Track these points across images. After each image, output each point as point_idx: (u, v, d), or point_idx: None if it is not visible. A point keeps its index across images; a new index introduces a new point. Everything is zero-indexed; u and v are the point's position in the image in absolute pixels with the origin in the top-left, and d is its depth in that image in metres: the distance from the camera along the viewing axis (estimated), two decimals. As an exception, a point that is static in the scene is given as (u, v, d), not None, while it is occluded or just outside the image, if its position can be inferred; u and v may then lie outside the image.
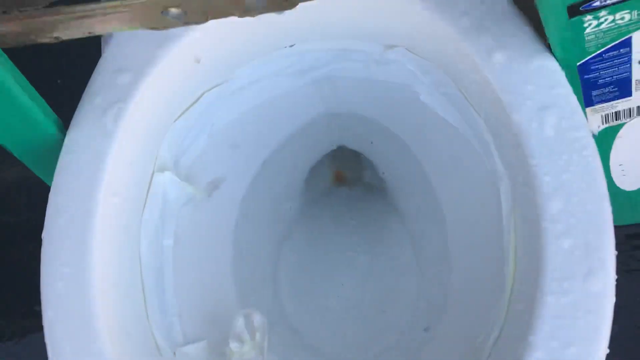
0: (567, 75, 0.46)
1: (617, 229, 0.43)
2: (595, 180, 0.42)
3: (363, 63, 0.56)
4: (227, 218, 0.62)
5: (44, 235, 0.49)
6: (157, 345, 0.51)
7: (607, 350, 0.40)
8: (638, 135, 0.57)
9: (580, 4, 0.40)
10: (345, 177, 0.73)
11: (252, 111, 0.60)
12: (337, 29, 0.52)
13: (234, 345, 0.53)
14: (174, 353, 0.52)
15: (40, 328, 1.03)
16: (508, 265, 0.47)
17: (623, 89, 0.50)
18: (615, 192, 0.62)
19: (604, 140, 0.56)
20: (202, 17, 0.36)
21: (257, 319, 0.53)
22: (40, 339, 1.06)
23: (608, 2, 0.40)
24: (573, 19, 0.41)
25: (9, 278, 1.08)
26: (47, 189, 1.15)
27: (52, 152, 0.51)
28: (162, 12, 0.35)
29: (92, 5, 0.35)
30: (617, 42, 0.44)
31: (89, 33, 0.37)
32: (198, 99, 0.55)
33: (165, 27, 0.37)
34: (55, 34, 0.37)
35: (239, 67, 0.55)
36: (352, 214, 0.69)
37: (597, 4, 0.40)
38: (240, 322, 0.53)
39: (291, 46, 0.55)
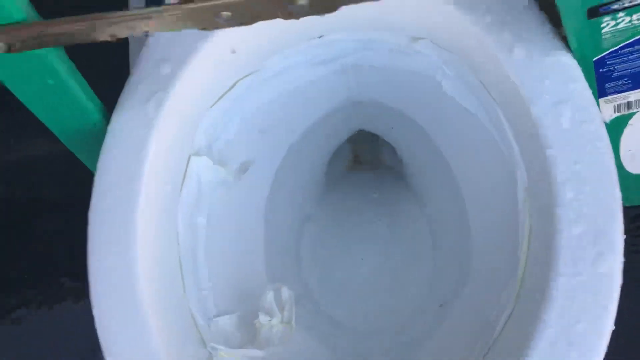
0: (582, 69, 0.48)
1: (625, 209, 0.46)
2: (607, 170, 0.45)
3: (388, 53, 0.59)
4: (256, 199, 0.65)
5: (90, 214, 0.52)
6: (193, 317, 0.55)
7: (613, 327, 0.43)
8: (648, 124, 0.59)
9: (600, 7, 0.42)
10: (363, 159, 0.76)
11: (280, 98, 0.63)
12: (366, 21, 0.55)
13: (263, 318, 0.57)
14: (209, 325, 0.56)
15: (64, 299, 1.07)
16: (522, 247, 0.50)
17: (636, 81, 0.53)
18: (623, 176, 0.65)
19: (615, 128, 0.59)
20: (250, 20, 0.39)
21: (285, 293, 0.57)
22: (65, 308, 1.10)
23: (626, 4, 0.42)
24: (592, 20, 0.44)
25: (34, 251, 1.13)
26: (70, 165, 1.20)
27: (95, 136, 0.55)
28: (215, 16, 0.38)
29: (152, 9, 0.38)
30: (632, 39, 0.47)
31: (145, 32, 0.41)
32: (232, 87, 0.59)
33: (215, 28, 0.40)
34: (114, 33, 0.40)
35: (270, 57, 0.58)
36: (371, 195, 0.73)
37: (615, 6, 0.43)
38: (269, 297, 0.57)
39: (320, 37, 0.58)
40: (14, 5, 0.40)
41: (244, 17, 0.39)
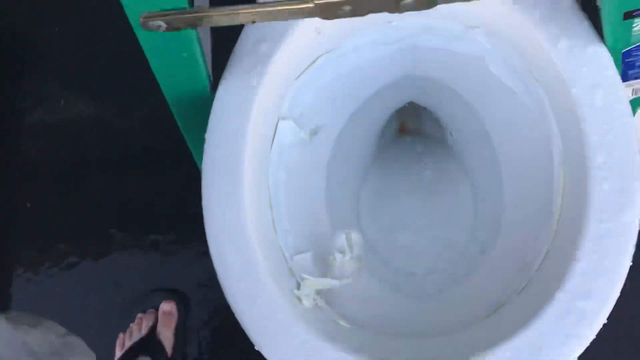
0: (613, 57, 0.60)
1: None
2: (631, 141, 0.57)
3: (445, 38, 0.70)
4: (322, 158, 0.76)
5: (203, 165, 0.63)
6: (282, 251, 0.67)
7: (631, 263, 0.55)
8: (660, 106, 0.71)
9: (633, 11, 0.54)
10: (409, 128, 0.88)
11: (349, 72, 0.74)
12: (433, 12, 0.65)
13: (337, 256, 0.68)
14: (293, 259, 0.68)
15: (113, 250, 1.17)
16: (557, 200, 0.62)
17: (653, 70, 0.65)
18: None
19: (632, 106, 0.71)
20: (365, 13, 0.50)
21: (355, 236, 0.69)
22: (114, 259, 1.20)
23: (654, 10, 0.54)
24: (626, 21, 0.55)
25: (85, 205, 1.22)
26: (117, 128, 1.30)
27: (202, 102, 0.65)
28: (338, 9, 0.49)
29: (291, 2, 0.49)
30: (655, 37, 0.59)
31: (274, 19, 0.51)
32: (314, 61, 0.69)
33: (335, 18, 0.50)
34: (254, 19, 0.50)
35: (347, 37, 0.69)
36: (418, 158, 0.84)
37: (646, 11, 0.54)
38: (342, 238, 0.69)
39: (389, 22, 0.69)
40: (180, -4, 0.50)
41: (361, 10, 0.49)
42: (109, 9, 1.06)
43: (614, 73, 0.58)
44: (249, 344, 0.59)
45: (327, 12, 0.49)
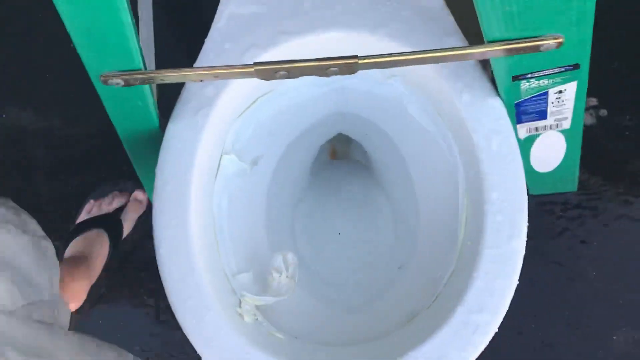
0: (507, 108, 0.71)
1: (532, 197, 0.69)
2: (520, 180, 0.68)
3: (369, 82, 0.80)
4: (262, 185, 0.85)
5: (154, 198, 0.71)
6: (225, 272, 0.75)
7: (518, 282, 0.66)
8: (548, 140, 0.83)
9: (520, 75, 0.65)
10: (338, 152, 0.97)
11: (286, 109, 0.83)
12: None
13: (275, 275, 0.77)
14: (234, 278, 0.76)
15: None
16: (460, 228, 0.73)
17: (541, 115, 0.76)
18: (532, 173, 0.90)
19: (528, 142, 0.83)
20: (297, 76, 0.59)
21: (291, 257, 0.78)
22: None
23: (536, 75, 0.65)
24: (514, 82, 0.66)
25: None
26: (61, 138, 1.29)
27: (153, 140, 0.73)
28: (275, 73, 0.58)
29: (235, 65, 0.57)
30: (539, 92, 0.70)
31: (219, 78, 0.60)
32: (254, 102, 0.78)
33: (272, 79, 0.59)
34: (201, 79, 0.59)
35: (284, 81, 0.78)
36: (346, 182, 0.94)
37: (529, 76, 0.65)
38: (279, 259, 0.78)
39: (321, 69, 0.78)
40: (135, 60, 0.58)
41: (294, 74, 0.59)
42: (49, 21, 1.11)
43: (507, 122, 0.70)
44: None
45: (265, 75, 0.58)
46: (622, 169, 1.08)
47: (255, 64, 0.57)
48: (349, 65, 0.58)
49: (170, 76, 0.59)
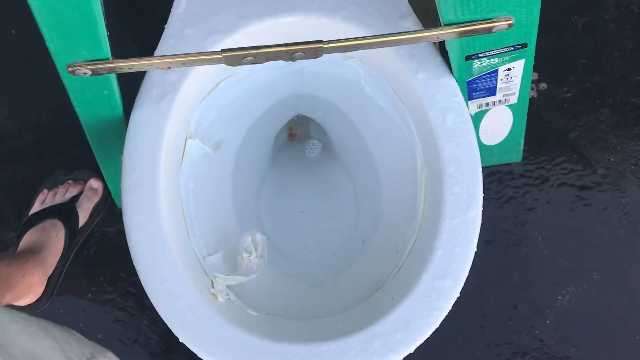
0: (460, 86, 0.75)
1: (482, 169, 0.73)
2: (474, 153, 0.72)
3: (327, 64, 0.82)
4: (226, 168, 0.87)
5: (122, 185, 0.72)
6: (195, 254, 0.77)
7: (476, 248, 0.71)
8: (496, 115, 0.88)
9: (472, 55, 0.69)
10: (297, 134, 0.99)
11: (245, 93, 0.84)
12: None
13: (245, 255, 0.79)
14: (205, 260, 0.78)
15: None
16: (420, 200, 0.77)
17: (491, 91, 0.81)
18: (481, 146, 0.95)
19: (478, 117, 0.88)
20: (263, 61, 0.60)
21: (259, 236, 0.80)
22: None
23: (487, 54, 0.69)
24: (467, 61, 0.70)
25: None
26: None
27: (116, 128, 0.73)
28: (242, 59, 0.59)
29: (201, 52, 0.59)
30: (490, 70, 0.75)
31: (187, 65, 0.61)
32: (215, 86, 0.79)
33: (239, 65, 0.61)
34: (169, 66, 0.60)
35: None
36: (307, 162, 0.96)
37: (480, 55, 0.69)
38: (248, 239, 0.80)
39: (280, 52, 0.80)
40: (104, 50, 0.59)
41: (260, 60, 0.60)
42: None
43: (460, 99, 0.74)
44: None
45: (233, 61, 0.60)
46: (562, 139, 1.15)
47: (223, 50, 0.59)
48: (314, 49, 0.60)
49: (138, 64, 0.60)
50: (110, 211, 1.17)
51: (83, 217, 1.11)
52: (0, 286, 0.86)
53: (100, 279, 1.18)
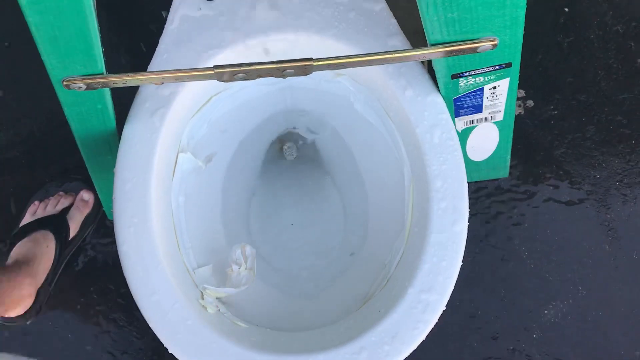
0: (447, 103, 0.77)
1: (468, 184, 0.75)
2: (460, 169, 0.74)
3: (317, 81, 0.84)
4: (216, 181, 0.88)
5: (114, 197, 0.73)
6: (185, 266, 0.78)
7: (461, 262, 0.72)
8: (483, 131, 0.90)
9: (458, 74, 0.71)
10: (287, 149, 1.01)
11: (236, 108, 0.86)
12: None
13: (234, 267, 0.80)
14: (195, 272, 0.79)
15: None
16: (407, 214, 0.78)
17: (477, 109, 0.83)
18: (468, 162, 0.97)
19: (465, 134, 0.90)
20: (255, 78, 0.62)
21: (249, 249, 0.81)
22: None
23: (473, 73, 0.71)
24: (454, 80, 0.72)
25: None
26: None
27: (108, 141, 0.75)
28: (234, 75, 0.61)
29: (193, 68, 0.60)
30: (475, 89, 0.77)
31: (179, 81, 0.62)
32: (207, 101, 0.81)
33: (230, 81, 0.62)
34: (162, 82, 0.61)
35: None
36: (297, 176, 0.97)
37: (467, 74, 0.71)
38: (238, 252, 0.81)
39: (271, 68, 0.81)
40: (98, 65, 0.60)
41: (252, 76, 0.62)
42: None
43: (447, 116, 0.75)
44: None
45: (224, 77, 0.61)
46: (548, 155, 1.17)
47: (215, 66, 0.60)
48: (304, 67, 0.61)
49: (132, 79, 0.61)
50: (100, 223, 1.18)
51: (74, 229, 1.12)
52: None
53: (89, 290, 1.18)
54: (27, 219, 1.13)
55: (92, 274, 1.19)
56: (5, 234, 1.17)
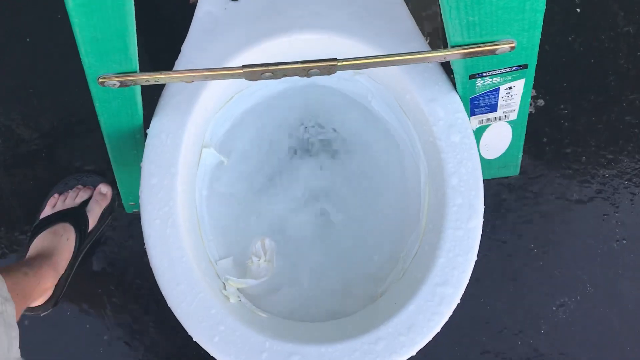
0: (463, 102, 0.79)
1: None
2: (476, 167, 0.76)
3: (336, 78, 0.86)
4: (237, 175, 0.90)
5: (141, 190, 0.75)
6: (209, 258, 0.80)
7: (476, 257, 0.74)
8: (496, 130, 0.92)
9: (476, 74, 0.73)
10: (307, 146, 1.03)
11: (259, 104, 0.88)
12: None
13: (254, 259, 0.83)
14: (217, 264, 0.82)
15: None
16: (423, 210, 0.81)
17: (492, 108, 0.85)
18: (480, 160, 0.98)
19: (479, 132, 0.92)
20: (281, 77, 0.64)
21: (268, 242, 0.84)
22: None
23: (490, 74, 0.74)
24: (471, 80, 0.74)
25: None
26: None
27: (134, 136, 0.77)
28: (261, 74, 0.63)
29: (223, 67, 0.62)
30: (492, 89, 0.79)
31: (209, 79, 0.65)
32: (231, 98, 0.83)
33: (257, 80, 0.65)
34: (192, 80, 0.64)
35: (258, 78, 0.83)
36: (316, 172, 0.99)
37: (484, 74, 0.74)
38: (258, 244, 0.84)
39: (292, 67, 0.84)
40: (133, 63, 0.63)
41: (278, 75, 0.64)
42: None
43: (464, 115, 0.77)
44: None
45: (252, 76, 0.64)
46: (558, 153, 1.19)
47: (244, 66, 0.63)
48: (329, 67, 0.64)
49: (164, 77, 0.64)
50: (118, 215, 1.20)
51: (92, 221, 1.15)
52: (20, 299, 0.89)
53: (107, 281, 1.21)
54: (46, 211, 1.15)
55: (110, 265, 1.22)
56: (26, 226, 1.20)
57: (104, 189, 1.16)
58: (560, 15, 1.23)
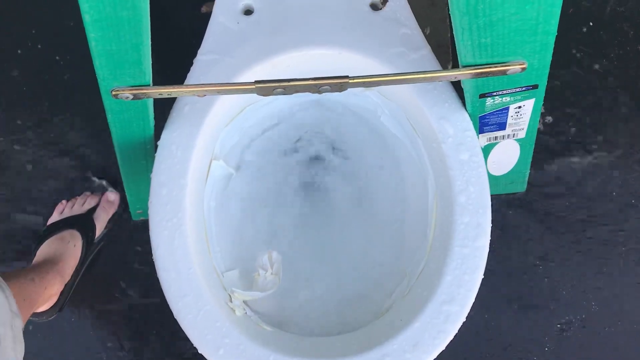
0: (472, 120, 0.79)
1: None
2: (484, 185, 0.76)
3: (346, 93, 0.86)
4: (246, 188, 0.91)
5: (150, 201, 0.76)
6: (215, 269, 0.81)
7: (482, 276, 0.75)
8: (504, 147, 0.93)
9: (486, 94, 0.73)
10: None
11: (268, 117, 0.89)
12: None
13: (261, 272, 0.83)
14: (223, 276, 0.82)
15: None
16: (430, 227, 0.81)
17: (501, 126, 0.85)
18: (488, 176, 0.99)
19: (487, 149, 0.92)
20: (293, 93, 0.65)
21: (275, 255, 0.84)
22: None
23: (500, 93, 0.74)
24: (481, 99, 0.75)
25: None
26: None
27: (144, 147, 0.78)
28: (273, 90, 0.64)
29: (237, 83, 0.63)
30: (501, 108, 0.79)
31: (221, 94, 0.65)
32: (241, 111, 0.84)
33: (269, 95, 0.65)
34: (205, 94, 0.64)
35: (268, 92, 0.84)
36: (322, 184, 0.99)
37: (494, 93, 0.74)
38: (265, 257, 0.84)
39: (303, 81, 0.84)
40: (146, 77, 0.63)
41: (289, 91, 0.65)
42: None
43: (473, 134, 0.78)
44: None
45: (264, 92, 0.64)
46: (565, 171, 1.19)
47: (257, 81, 0.63)
48: (340, 84, 0.64)
49: (177, 91, 0.64)
50: (124, 222, 1.21)
51: (99, 228, 1.15)
52: (26, 305, 0.90)
53: (112, 288, 1.22)
54: (54, 217, 1.16)
55: (116, 273, 1.22)
56: (34, 232, 1.21)
57: (112, 196, 1.17)
58: (569, 32, 1.24)
